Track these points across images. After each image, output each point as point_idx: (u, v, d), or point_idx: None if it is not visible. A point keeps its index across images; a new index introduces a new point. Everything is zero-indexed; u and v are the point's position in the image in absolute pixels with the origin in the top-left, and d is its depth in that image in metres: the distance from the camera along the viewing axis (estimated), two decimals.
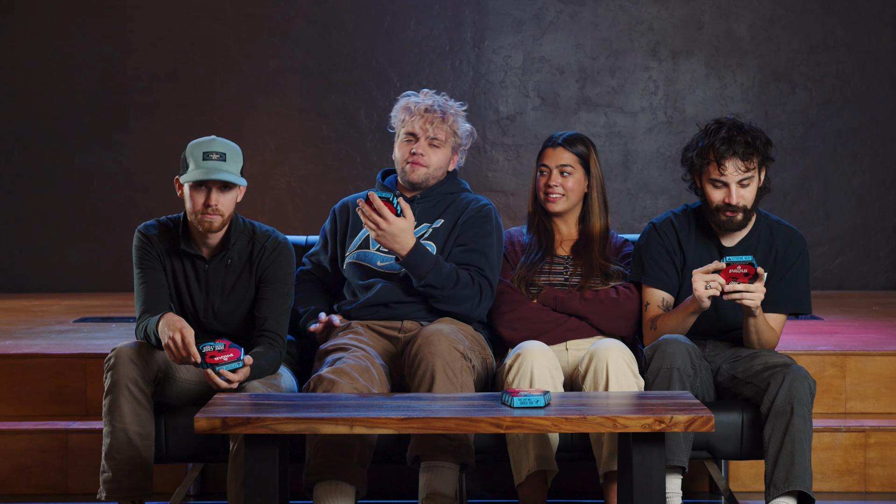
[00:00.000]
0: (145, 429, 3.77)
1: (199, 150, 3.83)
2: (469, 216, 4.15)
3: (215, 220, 3.84)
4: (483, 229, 4.12)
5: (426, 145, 4.15)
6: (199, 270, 3.93)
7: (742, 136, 3.92)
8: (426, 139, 4.14)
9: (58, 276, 7.88)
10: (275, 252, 3.93)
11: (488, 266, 4.08)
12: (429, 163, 4.15)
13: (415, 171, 4.15)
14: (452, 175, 4.25)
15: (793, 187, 7.83)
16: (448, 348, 3.80)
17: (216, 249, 3.93)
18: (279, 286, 3.92)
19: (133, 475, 3.74)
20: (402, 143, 4.18)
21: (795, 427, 3.77)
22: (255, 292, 3.93)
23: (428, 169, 4.15)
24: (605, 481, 3.88)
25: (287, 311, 3.95)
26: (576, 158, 4.19)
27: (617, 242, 4.26)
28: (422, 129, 4.14)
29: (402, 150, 4.17)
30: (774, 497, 3.77)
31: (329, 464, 3.71)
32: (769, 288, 3.96)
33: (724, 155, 3.91)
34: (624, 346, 3.94)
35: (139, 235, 3.95)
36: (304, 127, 7.94)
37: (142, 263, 3.92)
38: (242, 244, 3.94)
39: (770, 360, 3.90)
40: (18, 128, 7.88)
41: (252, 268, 3.93)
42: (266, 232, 3.97)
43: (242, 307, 3.94)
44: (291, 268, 3.97)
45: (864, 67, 7.88)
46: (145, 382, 3.77)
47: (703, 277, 3.79)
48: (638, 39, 7.92)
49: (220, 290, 3.93)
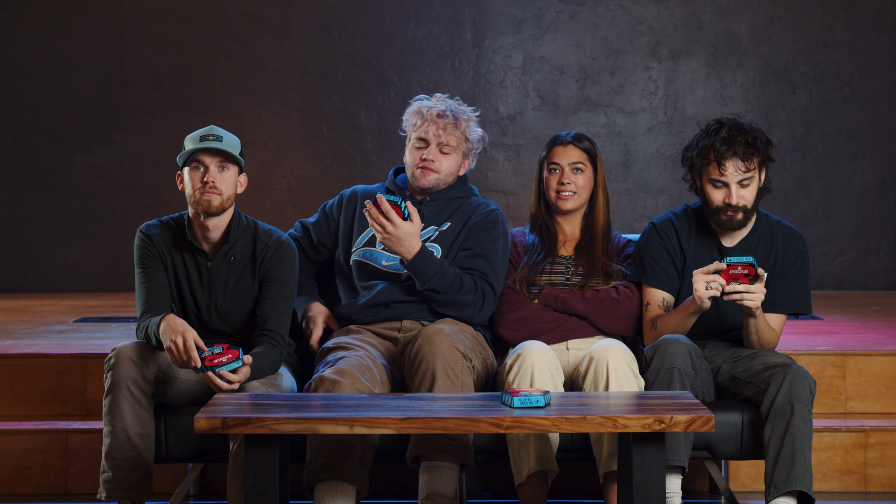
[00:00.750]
0: (145, 429, 3.77)
1: (198, 134, 3.89)
2: (476, 220, 4.15)
3: (214, 197, 3.84)
4: (490, 234, 4.12)
5: (437, 151, 4.14)
6: (201, 268, 3.94)
7: (742, 136, 3.92)
8: (437, 145, 4.14)
9: (58, 276, 7.87)
10: (278, 251, 3.93)
11: (492, 272, 4.07)
12: (439, 168, 4.15)
13: (425, 177, 4.14)
14: (463, 179, 4.25)
15: (793, 187, 7.83)
16: (449, 348, 3.80)
17: (218, 244, 3.93)
18: (281, 286, 3.92)
19: (133, 475, 3.74)
20: (413, 147, 4.18)
21: (795, 427, 3.77)
22: (258, 291, 3.93)
23: (439, 175, 4.15)
24: (606, 481, 3.88)
25: (288, 311, 3.95)
26: (585, 156, 4.21)
27: (620, 242, 4.27)
28: (434, 135, 4.13)
29: (413, 156, 4.17)
30: (774, 497, 3.77)
31: (330, 464, 3.70)
32: (769, 288, 3.96)
33: (724, 155, 3.91)
34: (624, 346, 3.94)
35: (140, 235, 3.95)
36: (304, 127, 7.94)
37: (143, 263, 3.92)
38: (245, 241, 3.95)
39: (770, 360, 3.90)
40: (18, 128, 7.88)
41: (255, 266, 3.93)
42: (269, 231, 3.98)
43: (245, 306, 3.94)
44: (294, 267, 3.97)
45: (864, 67, 7.88)
46: (146, 382, 3.77)
47: (704, 278, 3.79)
48: (638, 39, 7.92)
49: (223, 287, 3.93)
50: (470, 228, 4.13)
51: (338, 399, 3.53)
